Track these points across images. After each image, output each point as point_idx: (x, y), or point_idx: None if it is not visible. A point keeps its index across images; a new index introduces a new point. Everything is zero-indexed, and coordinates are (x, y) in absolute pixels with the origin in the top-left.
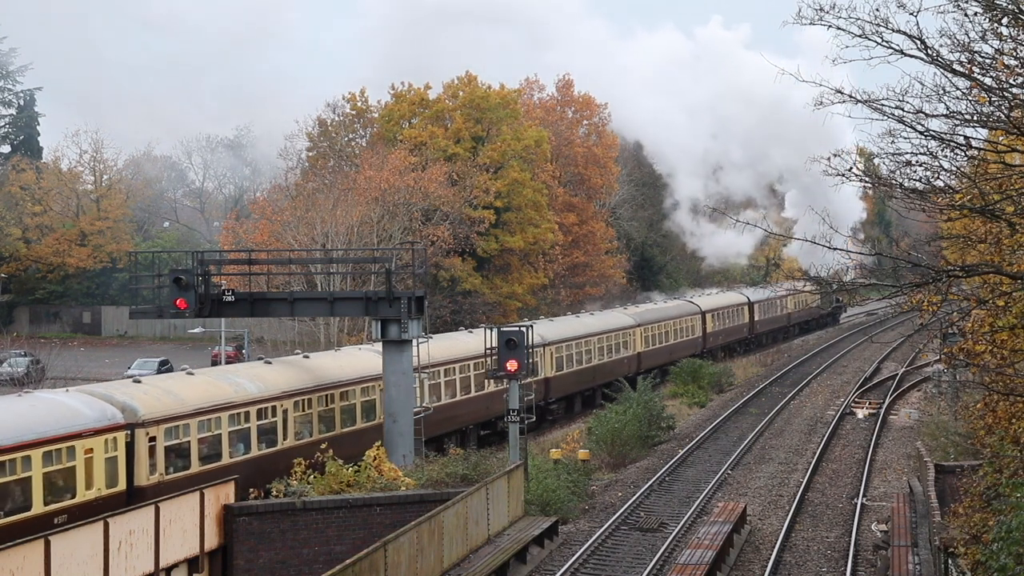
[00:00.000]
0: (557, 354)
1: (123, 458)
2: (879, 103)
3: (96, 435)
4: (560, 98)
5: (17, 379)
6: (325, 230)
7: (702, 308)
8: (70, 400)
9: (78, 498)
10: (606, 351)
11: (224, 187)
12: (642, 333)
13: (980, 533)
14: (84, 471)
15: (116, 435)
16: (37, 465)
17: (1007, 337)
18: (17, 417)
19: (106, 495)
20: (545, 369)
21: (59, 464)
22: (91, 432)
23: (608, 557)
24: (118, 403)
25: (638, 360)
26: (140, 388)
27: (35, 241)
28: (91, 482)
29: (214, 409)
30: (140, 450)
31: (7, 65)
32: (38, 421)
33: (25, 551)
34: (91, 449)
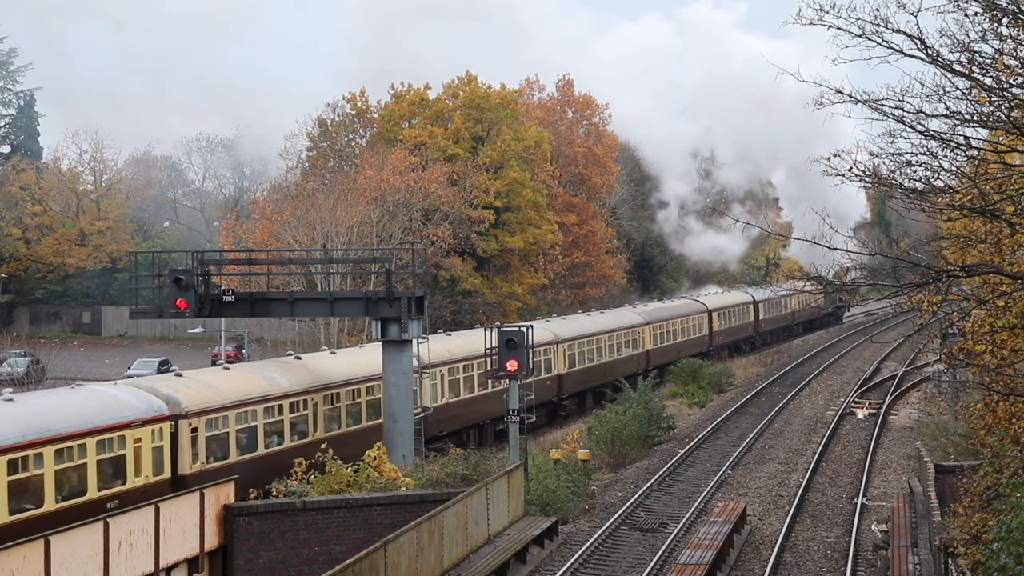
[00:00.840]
0: (570, 351)
1: (168, 447)
2: (879, 103)
3: (144, 425)
4: (560, 98)
5: (17, 379)
6: (325, 230)
7: (709, 307)
8: (119, 392)
9: (128, 484)
10: (616, 348)
11: (224, 187)
12: (651, 331)
13: (980, 533)
14: (133, 459)
15: (162, 425)
16: (92, 453)
17: (1007, 337)
18: (74, 407)
19: (153, 482)
20: (558, 366)
21: (111, 452)
22: (140, 422)
23: (608, 557)
24: (163, 395)
25: (647, 358)
26: (182, 381)
27: (35, 241)
28: (140, 469)
29: (250, 402)
30: (183, 440)
31: (7, 65)
32: (93, 411)
33: (25, 551)
34: (140, 439)
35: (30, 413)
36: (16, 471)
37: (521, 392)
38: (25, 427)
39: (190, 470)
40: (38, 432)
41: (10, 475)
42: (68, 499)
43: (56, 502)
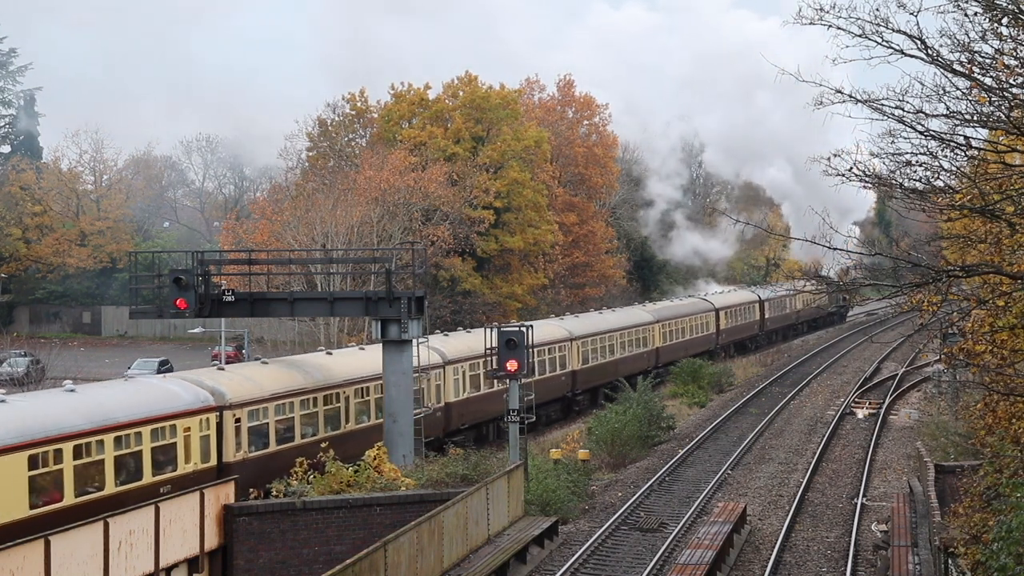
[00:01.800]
0: (583, 348)
1: (214, 436)
2: (879, 103)
3: (192, 415)
4: (560, 98)
5: (17, 379)
6: (325, 230)
7: (716, 306)
8: (169, 384)
9: (178, 471)
10: (628, 346)
11: (224, 187)
12: (660, 329)
13: (980, 533)
14: (183, 447)
15: (208, 416)
16: (147, 440)
17: (1007, 337)
18: (130, 398)
19: (201, 469)
20: (572, 362)
21: (163, 440)
22: (189, 413)
23: (608, 557)
24: (208, 387)
25: (657, 355)
26: (225, 375)
27: (35, 241)
28: (189, 457)
29: (288, 395)
30: (228, 430)
31: (7, 65)
32: (147, 402)
33: (25, 551)
34: (189, 428)
35: (92, 403)
36: (81, 456)
37: (521, 392)
38: (88, 416)
39: (234, 458)
40: (100, 420)
41: (75, 460)
42: (126, 484)
43: (115, 486)
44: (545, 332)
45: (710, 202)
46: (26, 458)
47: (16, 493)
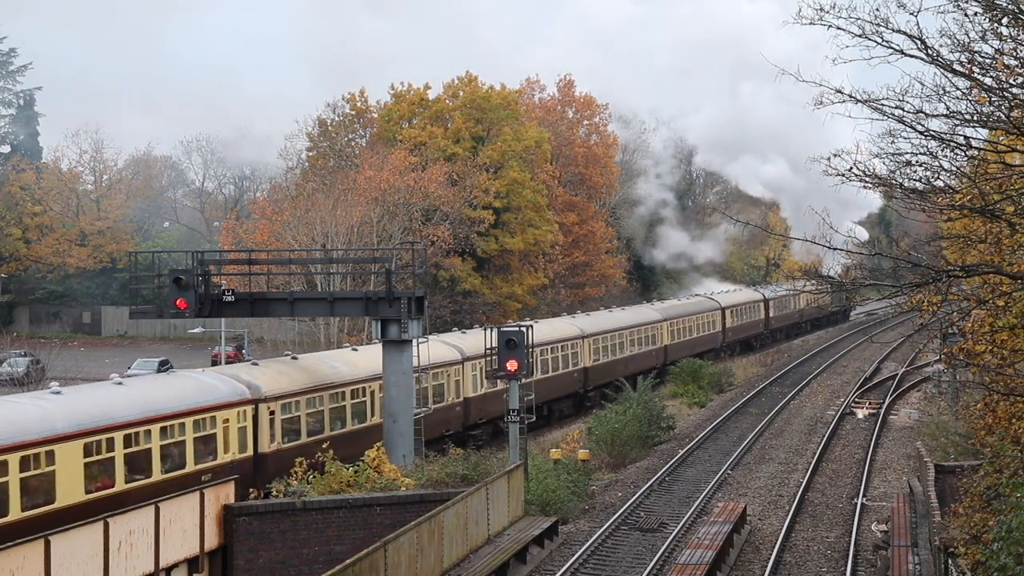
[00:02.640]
0: (594, 345)
1: (250, 428)
2: (879, 103)
3: (231, 407)
4: (560, 98)
5: (17, 379)
6: (325, 230)
7: (722, 304)
8: (208, 378)
9: (218, 460)
10: (637, 343)
11: (224, 187)
12: (668, 327)
13: (980, 533)
14: (222, 437)
15: (245, 408)
16: (189, 431)
17: (1007, 337)
18: (174, 391)
19: (239, 458)
20: (584, 359)
21: (204, 431)
22: (227, 405)
23: (608, 557)
24: (244, 381)
25: (665, 352)
26: (259, 369)
27: (35, 241)
28: (227, 447)
29: (318, 389)
30: (263, 422)
31: (7, 65)
32: (189, 395)
33: (25, 551)
34: (227, 419)
35: (139, 395)
36: (130, 445)
37: (521, 392)
38: (136, 407)
39: (268, 449)
40: (147, 411)
41: (126, 448)
42: (170, 471)
43: (161, 473)
44: (558, 330)
45: (710, 202)
46: (82, 446)
47: (73, 478)
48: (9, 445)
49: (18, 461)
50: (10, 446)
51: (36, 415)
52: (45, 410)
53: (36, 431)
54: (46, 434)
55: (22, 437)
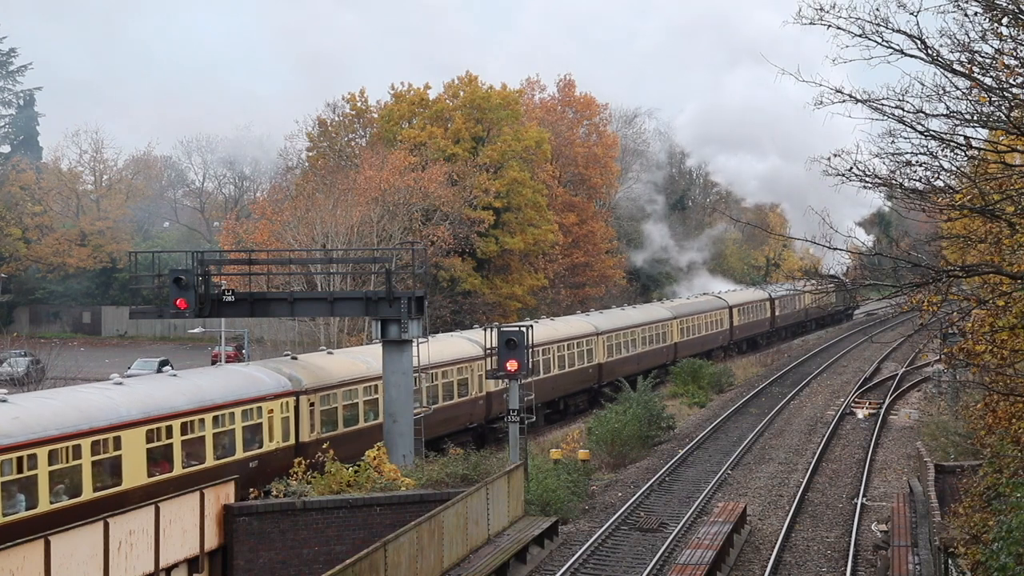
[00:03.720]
0: (608, 342)
1: (292, 418)
2: (879, 103)
3: (275, 399)
4: (561, 98)
5: (17, 379)
6: (325, 230)
7: (729, 303)
8: (253, 371)
9: (264, 448)
10: (648, 341)
11: (224, 187)
12: (678, 325)
13: (980, 533)
14: (267, 427)
15: (288, 399)
16: (238, 420)
17: (1007, 337)
18: (223, 383)
19: (282, 447)
20: (598, 355)
21: (251, 420)
22: (272, 396)
23: (608, 557)
24: (286, 374)
25: (675, 350)
26: (299, 364)
27: (35, 241)
28: (272, 436)
29: (353, 382)
30: (303, 412)
31: (7, 65)
32: (237, 387)
33: (25, 551)
34: (272, 410)
35: (193, 386)
36: (186, 432)
37: (521, 392)
38: (191, 397)
39: (308, 438)
40: (202, 401)
41: (183, 435)
42: (221, 458)
43: (214, 459)
44: (573, 327)
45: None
46: (144, 432)
47: (137, 462)
48: (82, 431)
49: (90, 446)
50: (83, 432)
51: (103, 403)
52: (111, 399)
53: (105, 418)
54: (113, 421)
55: (92, 424)
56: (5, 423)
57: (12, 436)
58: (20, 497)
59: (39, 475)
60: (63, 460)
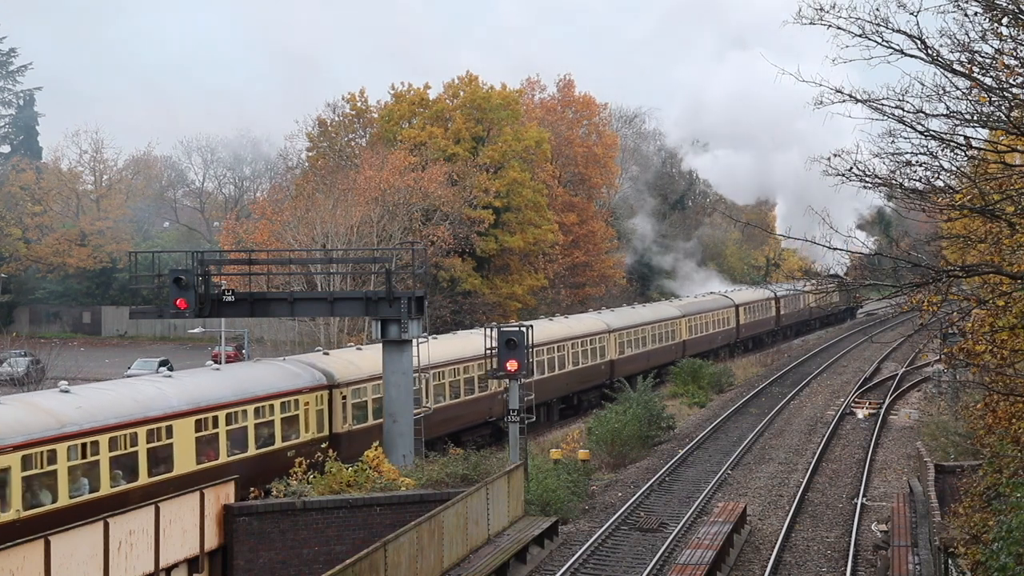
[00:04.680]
0: (619, 339)
1: (326, 411)
2: (879, 103)
3: (310, 392)
4: (560, 98)
5: (17, 379)
6: (325, 230)
7: (736, 302)
8: (290, 366)
9: (300, 439)
10: (658, 338)
11: (224, 187)
12: (687, 323)
13: (980, 533)
14: (303, 418)
15: (322, 393)
16: (277, 412)
17: (1007, 337)
18: (263, 376)
19: (317, 437)
20: (610, 352)
21: (289, 412)
22: (307, 390)
23: (608, 557)
24: (320, 369)
25: (683, 347)
26: (331, 359)
27: (35, 241)
28: (307, 427)
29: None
30: (336, 405)
31: (7, 65)
32: (276, 380)
33: (25, 551)
34: (308, 403)
35: (235, 380)
36: (231, 423)
37: (521, 392)
38: (235, 390)
39: (341, 429)
40: (244, 394)
41: (227, 425)
42: (263, 447)
43: (255, 448)
44: (586, 325)
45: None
46: (193, 422)
47: (187, 450)
48: (138, 420)
49: (145, 434)
50: (139, 420)
51: (156, 394)
52: (162, 391)
53: (158, 408)
54: (166, 411)
55: (147, 413)
56: (70, 412)
57: (78, 424)
58: (83, 481)
59: (100, 460)
60: (122, 447)
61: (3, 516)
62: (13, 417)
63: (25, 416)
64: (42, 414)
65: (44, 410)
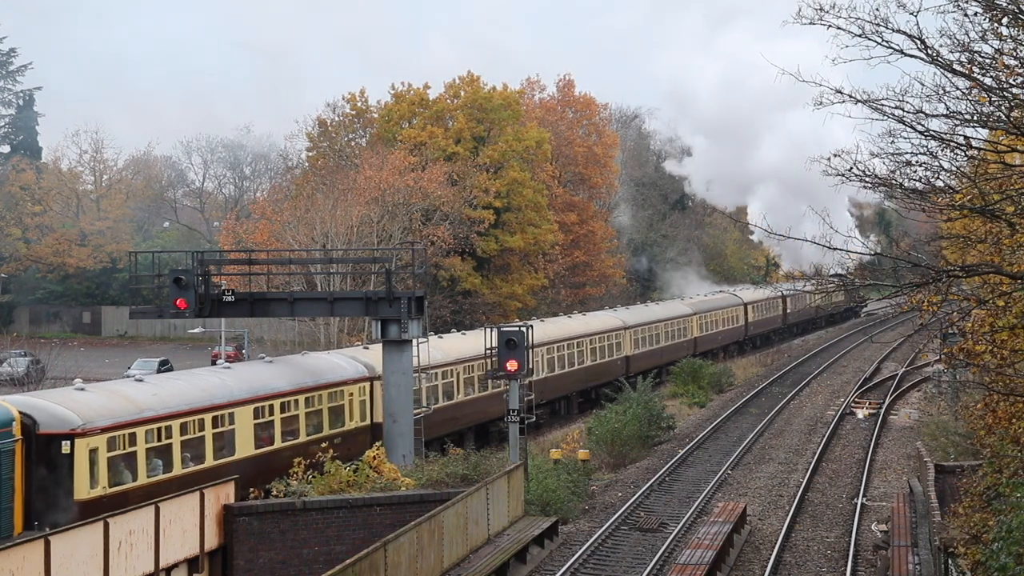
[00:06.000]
0: (635, 336)
1: (368, 401)
2: (879, 103)
3: (354, 383)
4: (560, 98)
5: (17, 379)
6: (325, 230)
7: (744, 300)
8: (335, 359)
9: (345, 427)
10: (671, 335)
11: (224, 187)
12: (698, 321)
13: (980, 533)
14: (348, 408)
15: (364, 384)
16: (325, 401)
17: (1007, 337)
18: (311, 369)
19: (360, 426)
20: (626, 348)
21: (336, 402)
22: (352, 381)
23: (608, 557)
24: (362, 362)
25: (695, 344)
26: (371, 353)
27: (35, 241)
28: (352, 416)
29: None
30: (377, 396)
31: (7, 65)
32: (323, 372)
33: (25, 551)
34: (352, 393)
35: (287, 371)
36: (285, 411)
37: (521, 392)
38: (289, 380)
39: (382, 419)
40: (295, 384)
41: (282, 413)
42: (312, 434)
43: (306, 435)
44: (604, 322)
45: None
46: (252, 409)
47: (247, 436)
48: (205, 407)
49: (211, 419)
50: (206, 407)
51: (219, 384)
52: (224, 381)
53: (222, 396)
54: (228, 399)
55: (212, 401)
56: (147, 399)
57: (154, 409)
58: (158, 462)
59: (173, 443)
60: (192, 431)
61: (93, 492)
62: (99, 403)
63: (109, 402)
64: (123, 400)
65: (125, 397)
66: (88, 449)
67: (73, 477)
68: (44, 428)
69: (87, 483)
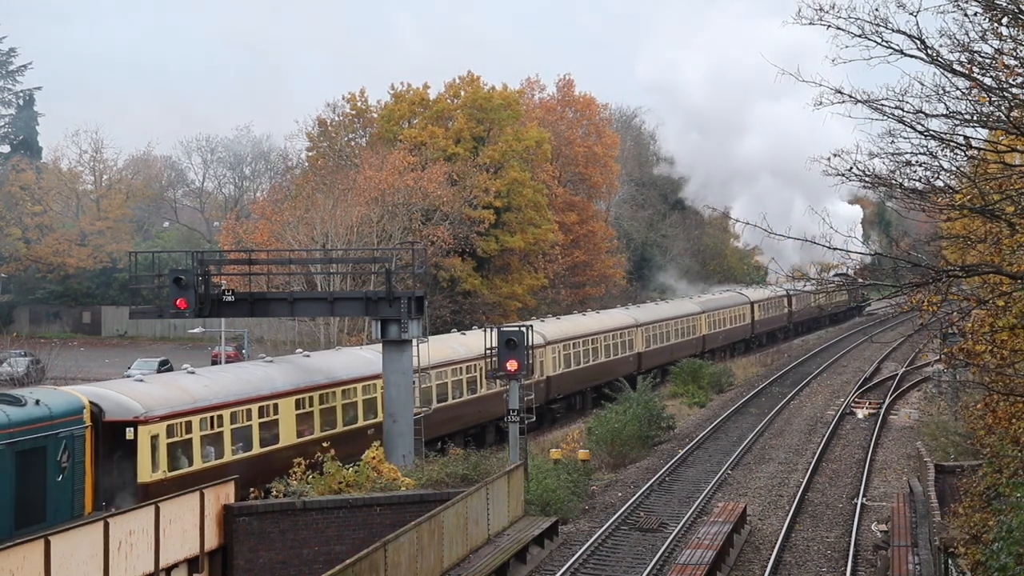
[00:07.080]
0: (646, 333)
1: None
2: (879, 103)
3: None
4: (560, 98)
5: (17, 379)
6: (325, 230)
7: (751, 299)
8: (366, 353)
9: (377, 419)
10: (680, 333)
11: (224, 187)
12: (706, 319)
13: (980, 533)
14: (381, 401)
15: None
16: (359, 394)
17: (1007, 337)
18: (346, 363)
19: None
20: (638, 345)
21: (369, 395)
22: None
23: (608, 557)
24: None
25: (703, 342)
26: None
27: (35, 241)
28: (383, 408)
29: (443, 364)
30: None
31: (7, 65)
32: (358, 366)
33: (25, 551)
34: (383, 387)
35: (325, 365)
36: (324, 402)
37: (521, 392)
38: (325, 373)
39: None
40: (333, 377)
41: (320, 405)
42: (347, 425)
43: (342, 425)
44: (616, 319)
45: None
46: (294, 400)
47: (289, 425)
48: (252, 397)
49: (257, 410)
50: (252, 398)
51: (264, 376)
52: (268, 373)
53: (268, 388)
54: (272, 391)
55: (258, 392)
56: (200, 390)
57: (207, 399)
58: (210, 449)
59: (224, 432)
60: (240, 421)
61: (154, 475)
62: (159, 393)
63: (166, 392)
64: (179, 391)
65: (180, 388)
66: (150, 436)
67: (136, 461)
68: (110, 416)
69: (149, 467)
